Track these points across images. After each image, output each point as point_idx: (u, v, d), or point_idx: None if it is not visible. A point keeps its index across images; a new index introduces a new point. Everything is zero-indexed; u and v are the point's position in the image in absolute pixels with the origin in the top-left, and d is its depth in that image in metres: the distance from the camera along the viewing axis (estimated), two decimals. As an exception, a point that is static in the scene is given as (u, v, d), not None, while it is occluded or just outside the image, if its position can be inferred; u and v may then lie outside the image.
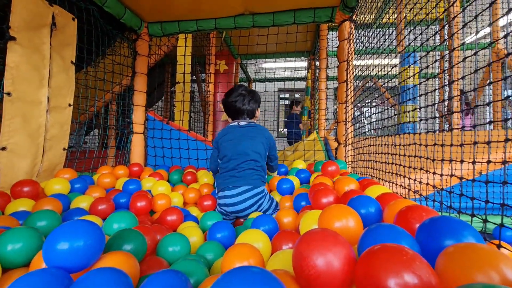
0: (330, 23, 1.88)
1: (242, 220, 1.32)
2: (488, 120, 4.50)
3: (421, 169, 1.16)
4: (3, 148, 1.17)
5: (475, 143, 0.89)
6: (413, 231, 0.55)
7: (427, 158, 1.09)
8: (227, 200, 1.19)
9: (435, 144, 1.06)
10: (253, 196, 1.18)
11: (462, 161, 0.96)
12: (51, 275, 0.42)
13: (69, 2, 1.47)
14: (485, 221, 0.91)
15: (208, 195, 1.35)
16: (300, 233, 0.72)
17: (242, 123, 1.32)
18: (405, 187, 1.32)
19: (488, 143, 0.76)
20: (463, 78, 0.98)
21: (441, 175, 1.11)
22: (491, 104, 0.88)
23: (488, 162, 0.76)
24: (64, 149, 1.49)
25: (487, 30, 4.46)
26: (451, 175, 1.09)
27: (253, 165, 1.22)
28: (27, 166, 1.27)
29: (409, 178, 1.28)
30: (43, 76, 1.32)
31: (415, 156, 1.20)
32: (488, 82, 3.86)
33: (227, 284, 0.29)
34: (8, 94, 1.17)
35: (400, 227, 0.51)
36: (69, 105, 1.49)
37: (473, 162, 0.91)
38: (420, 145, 1.12)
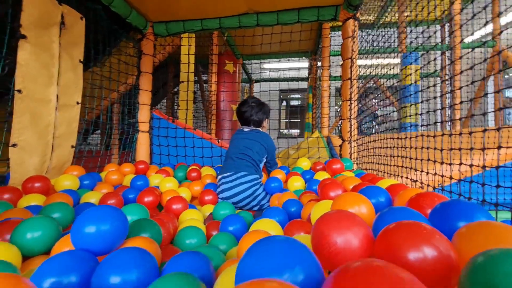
0: (334, 23, 1.90)
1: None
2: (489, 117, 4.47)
3: (421, 170, 1.17)
4: (14, 145, 1.19)
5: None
6: (426, 216, 0.56)
7: (432, 161, 1.10)
8: (224, 185, 1.33)
9: (441, 144, 1.07)
10: (248, 181, 1.32)
11: (461, 164, 0.98)
12: (77, 257, 0.43)
13: (77, 2, 1.49)
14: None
15: (209, 191, 1.37)
16: (312, 221, 0.73)
17: (246, 129, 1.51)
18: (412, 180, 1.33)
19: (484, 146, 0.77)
20: (461, 72, 1.00)
21: (442, 176, 1.11)
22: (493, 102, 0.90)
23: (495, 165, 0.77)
24: (72, 146, 1.50)
25: (489, 29, 4.48)
26: (451, 178, 1.10)
27: (248, 158, 1.40)
28: (37, 163, 1.29)
29: (410, 179, 1.30)
30: (52, 74, 1.34)
31: (417, 159, 1.21)
32: (484, 84, 3.87)
33: (260, 249, 0.31)
34: (19, 91, 1.19)
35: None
36: (77, 103, 1.51)
37: (470, 165, 0.92)
38: (422, 143, 1.13)
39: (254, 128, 1.51)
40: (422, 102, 1.02)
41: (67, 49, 1.41)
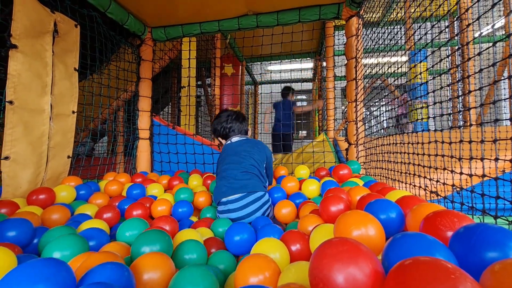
0: (337, 20, 1.82)
1: None
2: (505, 115, 4.28)
3: (438, 168, 1.07)
4: (6, 158, 1.15)
5: (495, 140, 0.82)
6: (444, 240, 0.48)
7: (449, 156, 1.01)
8: (229, 205, 1.14)
9: (450, 143, 0.98)
10: (257, 199, 1.14)
11: (482, 159, 0.88)
12: None
13: (71, 9, 1.46)
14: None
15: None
16: (311, 249, 0.65)
17: (235, 139, 1.33)
18: (421, 187, 1.24)
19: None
20: (468, 59, 0.91)
21: (461, 173, 1.03)
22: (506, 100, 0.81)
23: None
24: (68, 157, 1.47)
25: (501, 23, 4.30)
26: (471, 175, 1.00)
27: (252, 170, 1.21)
28: (31, 175, 1.25)
29: (425, 177, 1.20)
30: (46, 83, 1.30)
31: (430, 155, 1.12)
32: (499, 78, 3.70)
33: None
34: (10, 102, 1.15)
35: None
36: (73, 112, 1.47)
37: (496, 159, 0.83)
38: (435, 142, 1.04)
39: (243, 136, 1.36)
40: (435, 103, 0.93)
41: (61, 57, 1.38)
